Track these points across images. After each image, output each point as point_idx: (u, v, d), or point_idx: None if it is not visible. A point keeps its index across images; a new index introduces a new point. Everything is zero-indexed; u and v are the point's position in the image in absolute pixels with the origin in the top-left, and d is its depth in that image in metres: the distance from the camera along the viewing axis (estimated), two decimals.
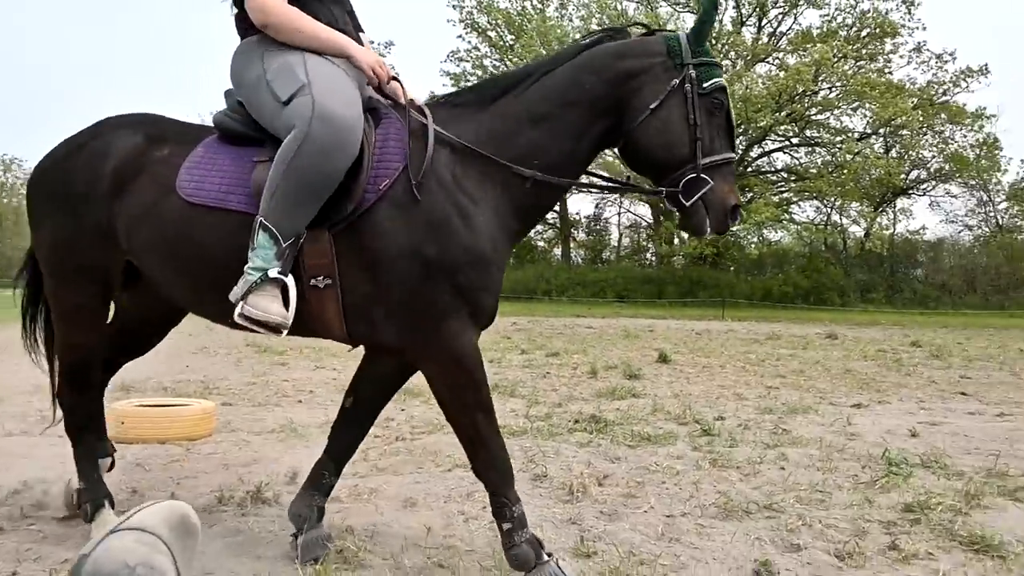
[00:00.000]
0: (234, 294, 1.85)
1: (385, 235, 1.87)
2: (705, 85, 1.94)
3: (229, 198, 1.95)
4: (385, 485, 3.02)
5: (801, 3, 31.91)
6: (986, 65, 31.69)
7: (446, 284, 1.87)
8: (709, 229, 1.97)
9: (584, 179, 2.30)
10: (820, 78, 30.08)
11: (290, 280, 1.85)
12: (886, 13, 30.71)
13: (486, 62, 34.70)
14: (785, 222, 34.72)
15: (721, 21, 33.03)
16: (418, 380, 2.11)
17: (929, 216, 60.55)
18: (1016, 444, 4.18)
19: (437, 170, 1.93)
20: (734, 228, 1.91)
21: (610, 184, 2.65)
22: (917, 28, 31.64)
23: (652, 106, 1.94)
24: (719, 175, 1.94)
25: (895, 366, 8.72)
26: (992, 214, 38.70)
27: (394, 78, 2.13)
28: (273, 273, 1.82)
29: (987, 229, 38.46)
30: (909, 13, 30.83)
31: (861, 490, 3.11)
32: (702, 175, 1.92)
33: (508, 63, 33.43)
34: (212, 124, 2.15)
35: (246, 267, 1.84)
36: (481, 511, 2.72)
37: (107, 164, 2.12)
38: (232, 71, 2.12)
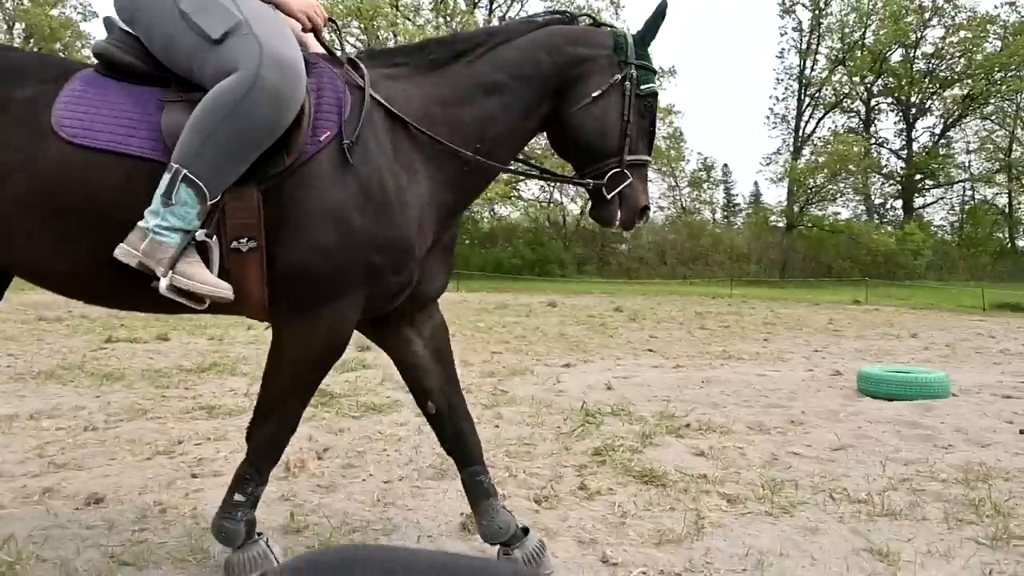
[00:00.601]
0: (128, 253, 1.54)
1: (315, 190, 1.68)
2: (642, 88, 2.01)
3: (130, 141, 1.63)
4: (64, 483, 2.63)
5: None
6: (674, 66, 37.07)
7: (360, 259, 1.71)
8: (617, 222, 2.02)
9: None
10: None
11: (213, 242, 1.62)
12: (598, 11, 34.12)
13: None
14: (514, 199, 37.16)
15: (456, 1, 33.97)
16: (118, 364, 1.83)
17: None
18: (684, 390, 4.99)
19: (376, 130, 1.78)
20: (639, 225, 2.06)
21: (539, 171, 2.66)
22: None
23: (594, 94, 1.97)
24: (636, 174, 2.00)
25: (601, 329, 9.86)
26: (678, 198, 45.62)
27: (331, 19, 1.88)
28: (200, 236, 1.59)
29: (674, 211, 45.28)
30: (617, 14, 34.66)
31: (562, 440, 3.47)
32: (625, 170, 1.98)
33: None
34: (92, 54, 1.73)
35: (152, 223, 1.55)
36: (182, 499, 2.50)
37: None
38: None
